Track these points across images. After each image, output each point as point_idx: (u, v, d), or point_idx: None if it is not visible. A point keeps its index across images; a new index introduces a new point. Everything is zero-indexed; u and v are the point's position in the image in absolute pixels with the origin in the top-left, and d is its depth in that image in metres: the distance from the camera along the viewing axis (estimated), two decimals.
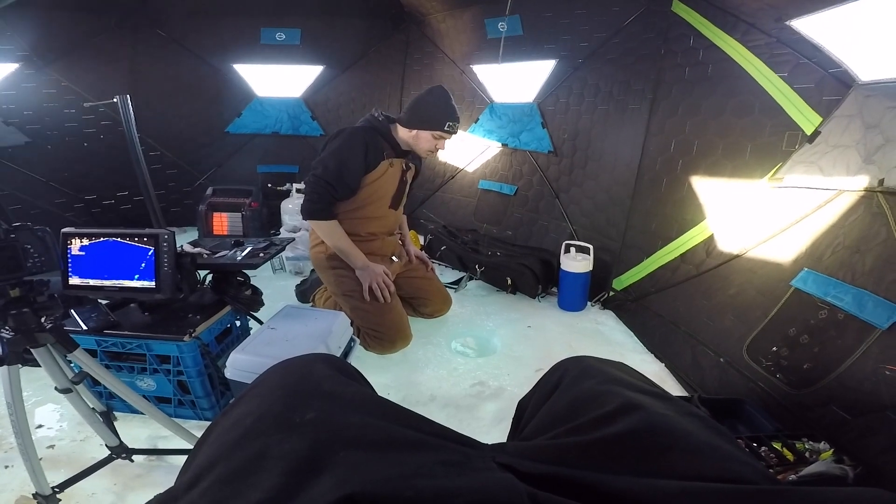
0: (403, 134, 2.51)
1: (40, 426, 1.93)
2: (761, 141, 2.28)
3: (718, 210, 2.46)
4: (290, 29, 4.52)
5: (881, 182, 1.75)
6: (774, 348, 1.92)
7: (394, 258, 2.79)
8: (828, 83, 2.03)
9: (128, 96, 2.88)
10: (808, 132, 2.07)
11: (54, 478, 1.47)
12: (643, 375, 0.86)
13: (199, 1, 4.32)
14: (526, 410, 0.88)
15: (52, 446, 1.83)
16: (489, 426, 2.01)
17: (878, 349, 1.57)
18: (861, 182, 1.82)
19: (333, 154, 2.38)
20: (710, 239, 2.48)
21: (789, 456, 1.55)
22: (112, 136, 4.29)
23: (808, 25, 2.10)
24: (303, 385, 0.71)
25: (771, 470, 1.49)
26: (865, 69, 1.95)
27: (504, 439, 0.92)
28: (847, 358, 1.64)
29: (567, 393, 0.78)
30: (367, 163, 2.43)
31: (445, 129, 2.45)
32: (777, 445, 1.59)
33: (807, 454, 1.56)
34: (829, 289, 1.78)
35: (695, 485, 0.52)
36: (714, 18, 2.48)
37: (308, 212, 2.43)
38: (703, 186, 2.55)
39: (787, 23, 2.14)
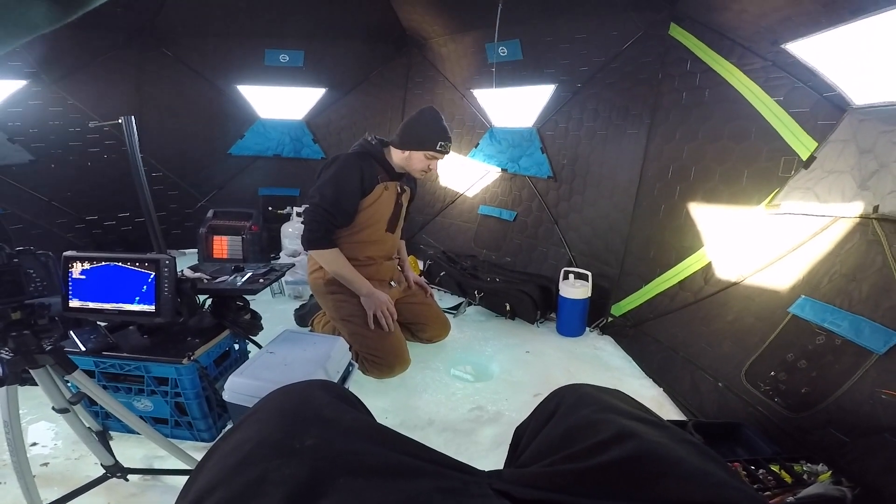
0: (396, 156, 2.54)
1: (34, 444, 1.93)
2: (758, 166, 2.30)
3: (716, 237, 2.47)
4: (294, 51, 4.57)
5: (876, 209, 1.76)
6: (772, 373, 1.92)
7: (392, 283, 2.80)
8: (822, 107, 2.06)
9: (132, 117, 2.91)
10: (804, 157, 2.09)
11: (48, 495, 1.46)
12: (639, 403, 0.86)
13: (206, 21, 4.37)
14: (523, 437, 0.88)
15: (46, 464, 1.82)
16: (487, 451, 2.00)
17: (876, 373, 1.58)
18: (856, 209, 1.84)
19: (329, 182, 2.39)
20: (708, 266, 2.49)
21: (787, 478, 1.55)
22: (115, 156, 4.31)
23: (803, 49, 2.13)
24: (302, 411, 0.72)
25: (768, 492, 1.49)
26: (859, 93, 1.98)
27: (502, 464, 0.92)
28: (845, 382, 1.64)
29: (563, 421, 0.78)
30: (364, 188, 2.45)
31: (438, 149, 2.46)
32: (775, 468, 1.59)
33: (805, 476, 1.55)
34: (826, 315, 1.79)
35: None
36: (711, 42, 2.52)
37: (309, 241, 2.44)
38: (701, 213, 2.57)
39: (783, 46, 2.18)
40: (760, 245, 2.24)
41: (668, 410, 2.27)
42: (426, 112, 2.50)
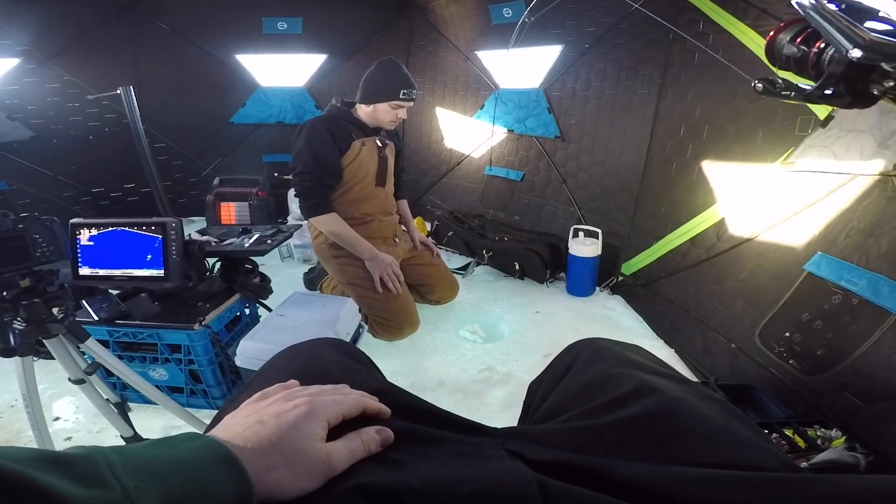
0: (363, 112, 2.53)
1: (57, 419, 1.95)
2: (773, 125, 2.24)
3: (729, 194, 2.43)
4: (292, 18, 4.50)
5: None
6: (787, 334, 1.90)
7: (396, 239, 2.79)
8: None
9: (131, 88, 2.87)
10: (822, 117, 2.03)
11: None
12: (658, 358, 0.85)
13: None
14: (537, 393, 0.87)
15: (69, 438, 1.85)
16: (497, 412, 2.01)
17: (894, 335, 1.54)
18: (876, 167, 1.79)
19: (304, 147, 2.39)
20: (721, 223, 2.46)
21: (801, 443, 1.54)
22: (117, 128, 4.30)
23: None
24: (311, 370, 0.71)
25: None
26: None
27: (513, 424, 0.91)
28: (861, 344, 1.62)
29: (580, 375, 0.77)
30: (339, 146, 2.45)
31: (401, 97, 2.44)
32: (789, 432, 1.58)
33: (818, 441, 1.54)
34: (843, 273, 1.76)
35: (710, 472, 0.51)
36: (724, 4, 2.44)
37: (306, 209, 2.44)
38: (714, 170, 2.52)
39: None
40: (775, 202, 2.20)
41: (679, 372, 2.27)
42: (384, 62, 2.49)
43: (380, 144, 2.62)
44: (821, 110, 2.04)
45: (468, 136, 4.43)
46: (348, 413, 0.58)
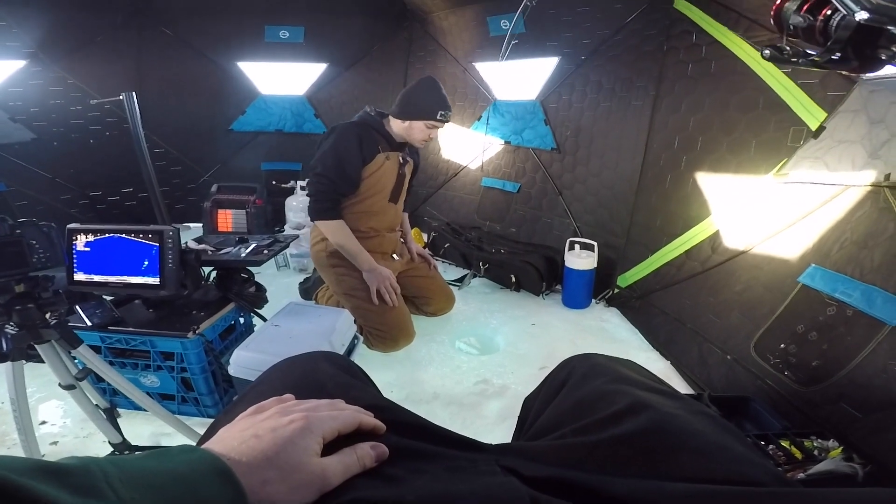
0: (396, 126, 2.52)
1: (44, 422, 1.94)
2: (766, 136, 2.26)
3: (723, 206, 2.44)
4: (294, 27, 4.52)
5: (888, 177, 1.74)
6: (782, 345, 1.91)
7: (394, 256, 2.78)
8: (832, 79, 2.01)
9: (133, 93, 2.88)
10: (813, 128, 2.05)
11: None
12: (652, 374, 0.85)
13: None
14: (532, 409, 0.87)
15: (55, 442, 1.84)
16: (493, 425, 2.00)
17: (889, 346, 1.55)
18: (867, 177, 1.81)
19: (329, 150, 2.38)
20: (716, 235, 2.47)
21: (797, 454, 1.54)
22: (117, 133, 4.29)
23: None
24: (306, 384, 0.70)
25: (779, 468, 1.48)
26: None
27: (508, 437, 0.91)
28: (857, 355, 1.62)
29: (574, 392, 0.77)
30: (364, 155, 2.43)
31: (438, 118, 2.45)
32: (785, 443, 1.58)
33: (815, 452, 1.54)
34: (837, 285, 1.77)
35: (702, 487, 0.51)
36: (716, 15, 2.47)
37: (315, 211, 2.44)
38: (708, 182, 2.54)
39: None
40: (769, 213, 2.21)
41: (675, 384, 2.26)
42: (426, 81, 2.49)
43: (401, 161, 2.62)
44: (812, 121, 2.05)
45: (465, 147, 4.44)
46: (344, 429, 0.58)
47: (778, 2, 1.06)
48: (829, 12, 0.94)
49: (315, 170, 2.40)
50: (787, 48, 1.05)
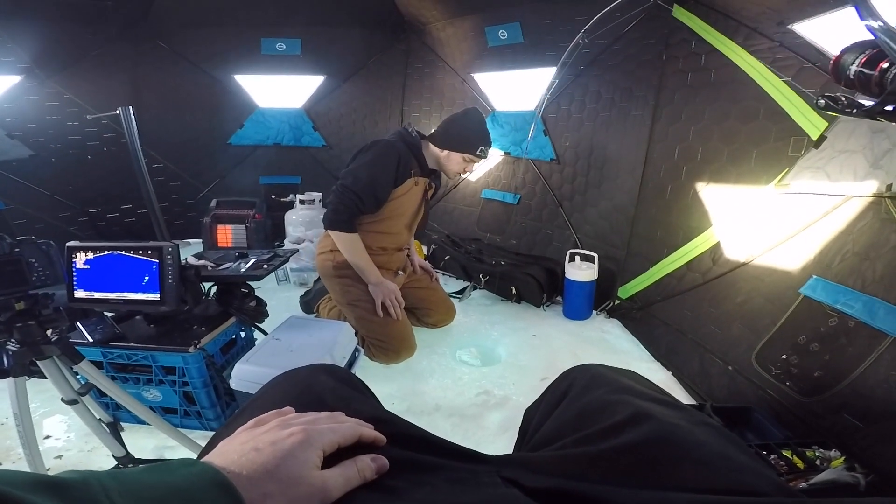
0: (434, 153, 2.51)
1: (48, 437, 1.93)
2: (767, 147, 2.26)
3: (724, 217, 2.44)
4: (291, 39, 4.54)
5: (889, 187, 1.73)
6: (784, 356, 1.90)
7: (399, 272, 2.78)
8: (833, 87, 2.02)
9: (130, 108, 2.88)
10: (814, 137, 2.05)
11: None
12: (653, 384, 0.85)
13: (200, 12, 4.33)
14: (533, 419, 0.86)
15: (59, 457, 1.83)
16: (494, 436, 1.99)
17: (890, 357, 1.54)
18: (869, 188, 1.81)
19: (366, 166, 2.34)
20: (717, 247, 2.47)
21: (799, 464, 1.53)
22: (115, 148, 4.29)
23: (810, 29, 2.08)
24: (306, 397, 0.70)
25: (781, 478, 1.47)
26: None
27: (510, 449, 0.91)
28: (858, 365, 1.61)
29: (575, 402, 0.76)
30: (397, 177, 2.41)
31: (478, 153, 2.45)
32: (787, 453, 1.57)
33: (817, 462, 1.53)
34: (838, 296, 1.76)
35: (704, 497, 0.51)
36: (715, 23, 2.48)
37: (331, 221, 2.39)
38: (709, 193, 2.54)
39: (789, 26, 2.13)
40: (770, 224, 2.21)
41: (677, 395, 2.24)
42: (471, 113, 2.48)
43: (427, 188, 2.61)
44: (813, 130, 2.06)
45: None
46: (344, 441, 0.58)
47: (836, 56, 1.12)
48: (885, 65, 0.99)
49: (345, 181, 2.34)
50: (843, 98, 1.11)
